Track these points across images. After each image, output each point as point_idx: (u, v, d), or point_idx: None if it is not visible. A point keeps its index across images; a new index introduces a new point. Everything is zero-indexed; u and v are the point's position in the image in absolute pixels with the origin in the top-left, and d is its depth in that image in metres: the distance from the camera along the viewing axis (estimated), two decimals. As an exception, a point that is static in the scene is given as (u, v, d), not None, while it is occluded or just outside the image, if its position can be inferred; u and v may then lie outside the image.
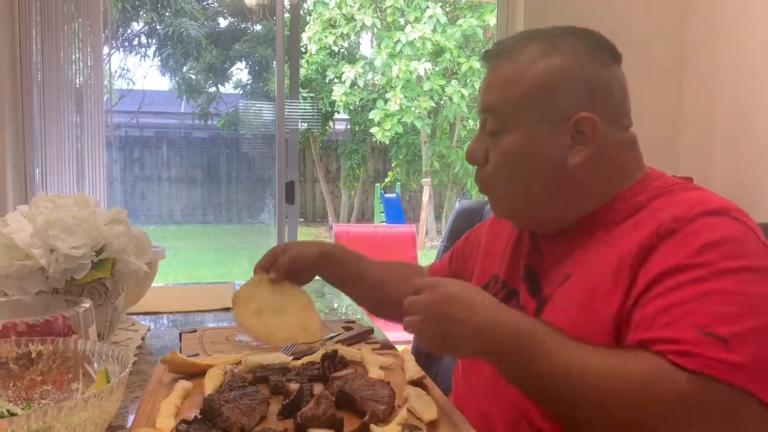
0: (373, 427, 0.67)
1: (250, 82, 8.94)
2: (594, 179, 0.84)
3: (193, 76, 8.61)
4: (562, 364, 0.72)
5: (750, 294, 0.70)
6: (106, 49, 2.97)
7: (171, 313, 1.39)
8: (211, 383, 0.81)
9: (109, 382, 0.67)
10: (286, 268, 1.09)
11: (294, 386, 0.77)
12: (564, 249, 0.87)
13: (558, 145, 0.83)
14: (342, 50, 8.92)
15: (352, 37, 8.88)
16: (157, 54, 8.33)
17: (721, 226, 0.75)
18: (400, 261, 1.27)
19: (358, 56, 8.96)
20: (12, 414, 0.66)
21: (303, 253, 1.11)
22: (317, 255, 1.12)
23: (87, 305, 0.88)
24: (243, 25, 8.79)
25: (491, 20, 7.42)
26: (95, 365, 0.73)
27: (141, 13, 8.10)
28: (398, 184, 9.46)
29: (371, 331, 1.14)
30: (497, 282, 0.97)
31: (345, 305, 1.48)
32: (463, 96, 8.10)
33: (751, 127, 2.42)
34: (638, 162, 0.88)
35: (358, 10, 8.37)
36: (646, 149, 0.91)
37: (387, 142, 8.66)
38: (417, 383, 0.84)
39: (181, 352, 0.96)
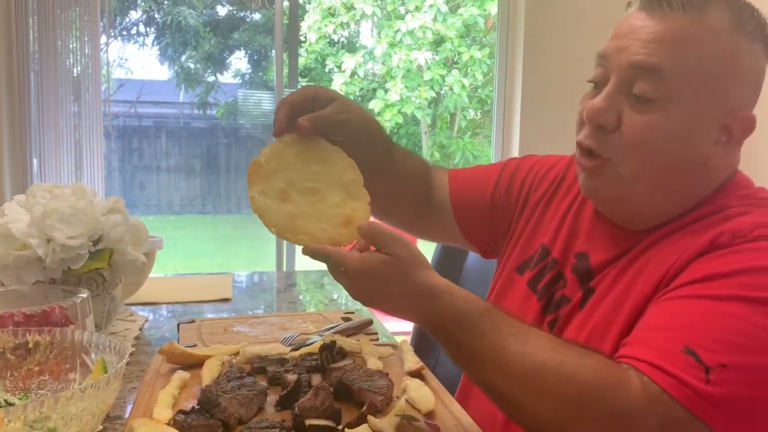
0: (371, 418, 0.67)
1: (249, 71, 8.90)
2: (711, 184, 0.76)
3: (192, 66, 8.57)
4: (506, 344, 0.65)
5: (761, 328, 0.62)
6: (103, 38, 2.95)
7: (169, 303, 1.39)
8: (208, 374, 0.81)
9: (106, 372, 0.67)
10: (325, 120, 0.79)
11: (292, 377, 0.77)
12: (630, 247, 0.78)
13: (707, 137, 0.72)
14: (342, 39, 8.87)
15: (352, 26, 8.83)
16: (155, 43, 8.28)
17: None
18: (417, 156, 1.07)
19: (357, 45, 8.92)
20: (9, 404, 0.66)
21: (350, 107, 0.84)
22: (359, 118, 0.86)
23: (84, 295, 0.88)
24: (242, 14, 8.74)
25: (492, 9, 7.39)
26: (92, 355, 0.73)
27: (139, 1, 8.05)
28: (398, 174, 9.43)
29: (370, 322, 1.14)
30: (547, 256, 0.88)
31: (344, 296, 1.47)
32: (463, 86, 8.07)
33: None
34: (736, 166, 0.79)
35: (358, -2, 8.33)
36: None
37: (387, 132, 8.64)
38: (415, 374, 0.84)
39: (179, 342, 0.96)
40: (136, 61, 8.56)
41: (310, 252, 0.70)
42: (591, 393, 0.61)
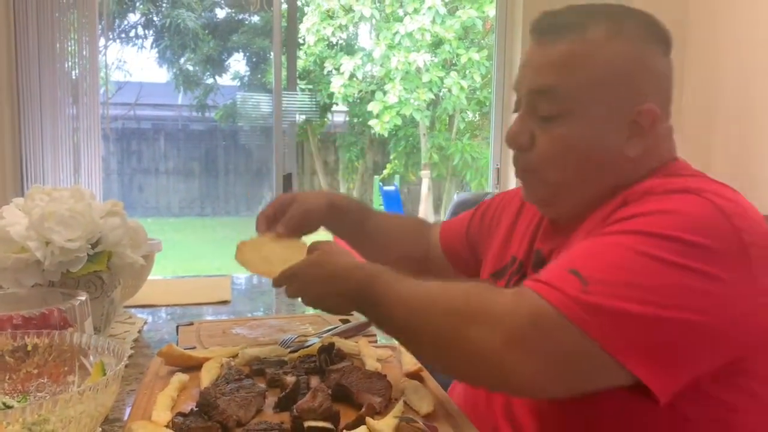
0: (369, 419, 0.67)
1: (247, 73, 8.90)
2: (640, 171, 0.81)
3: (191, 68, 8.57)
4: (401, 290, 0.75)
5: (645, 255, 0.66)
6: (102, 41, 2.96)
7: (168, 306, 1.39)
8: (207, 376, 0.81)
9: (105, 375, 0.67)
10: (297, 223, 1.02)
11: (290, 379, 0.78)
12: (569, 236, 0.84)
13: (618, 136, 0.79)
14: (340, 41, 8.88)
15: (351, 28, 8.84)
16: (154, 45, 8.29)
17: (682, 200, 0.71)
18: (411, 216, 1.24)
19: (356, 48, 8.92)
20: (8, 407, 0.66)
21: (313, 206, 1.04)
22: (326, 206, 1.06)
23: (83, 298, 0.88)
24: (240, 16, 8.74)
25: (490, 11, 7.39)
26: (91, 358, 0.73)
27: (137, 4, 8.05)
28: (397, 176, 9.44)
29: (368, 323, 1.14)
30: (514, 263, 0.95)
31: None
32: (462, 88, 8.07)
33: (753, 123, 2.41)
34: (671, 154, 0.85)
35: (357, 1, 8.33)
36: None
37: (386, 135, 8.63)
38: (414, 376, 0.84)
39: (177, 344, 0.96)
40: (134, 63, 8.56)
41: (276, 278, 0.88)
42: (471, 299, 0.70)
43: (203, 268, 6.53)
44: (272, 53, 3.00)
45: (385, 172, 9.42)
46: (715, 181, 0.77)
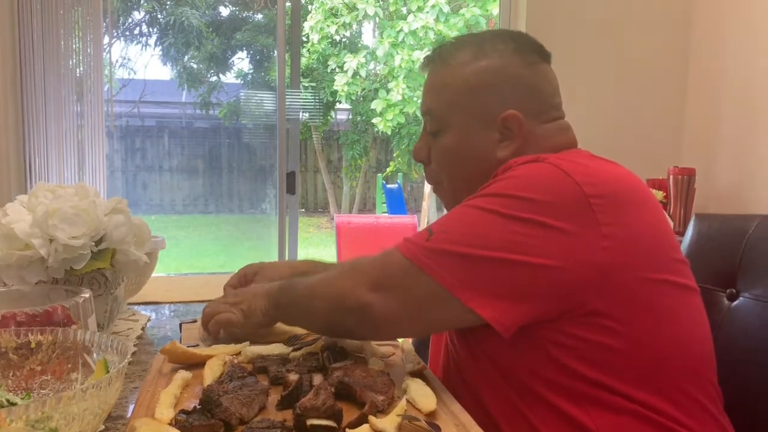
0: (372, 417, 0.67)
1: (251, 71, 8.90)
2: None
3: (195, 66, 8.57)
4: (297, 286, 0.92)
5: (485, 210, 0.79)
6: (106, 39, 2.96)
7: (172, 303, 1.39)
8: (210, 374, 0.81)
9: (108, 372, 0.67)
10: None
11: (293, 377, 0.77)
12: None
13: (489, 141, 0.91)
14: (344, 39, 8.87)
15: (354, 26, 8.83)
16: (158, 43, 8.29)
17: (527, 168, 0.81)
18: None
19: (360, 46, 8.92)
20: (11, 404, 0.66)
21: (277, 275, 1.12)
22: (289, 275, 1.12)
23: (86, 295, 0.88)
24: (244, 14, 8.74)
25: (494, 9, 7.38)
26: (95, 355, 0.73)
27: (141, 2, 8.06)
28: (400, 174, 9.44)
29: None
30: None
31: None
32: (465, 86, 8.06)
33: (756, 120, 2.41)
34: (571, 146, 0.94)
35: (360, -1, 8.32)
36: (649, 141, 0.91)
37: (389, 133, 8.63)
38: (417, 374, 0.84)
39: (181, 342, 0.96)
40: (138, 61, 8.55)
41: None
42: (344, 263, 0.89)
43: (207, 265, 6.54)
44: (276, 51, 3.00)
45: (388, 170, 9.41)
46: (579, 152, 0.89)
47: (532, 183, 0.79)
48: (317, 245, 7.85)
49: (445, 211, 1.07)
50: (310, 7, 8.48)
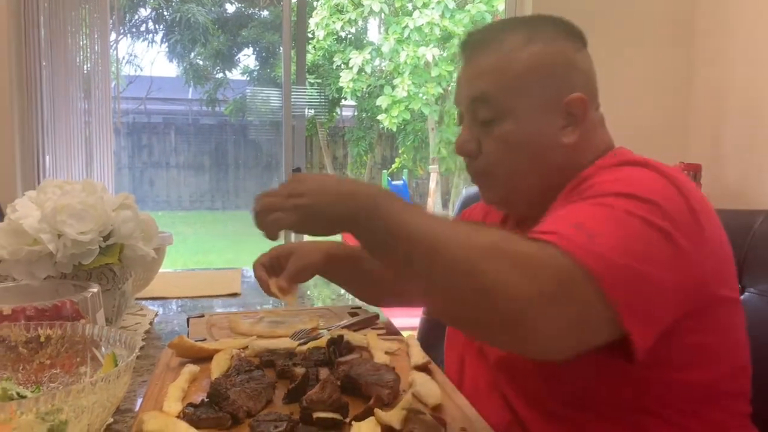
0: (377, 411, 0.67)
1: (257, 68, 8.91)
2: (581, 158, 0.87)
3: (201, 62, 8.59)
4: (414, 221, 0.67)
5: (624, 212, 0.71)
6: (113, 36, 2.97)
7: (179, 298, 1.40)
8: (217, 367, 0.82)
9: (116, 366, 0.68)
10: (294, 277, 1.03)
11: (300, 371, 0.78)
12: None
13: (552, 127, 0.86)
14: (349, 36, 8.86)
15: (360, 22, 8.82)
16: (164, 40, 8.31)
17: (636, 171, 0.77)
18: None
19: (365, 42, 8.91)
20: (22, 397, 0.67)
21: (310, 261, 1.05)
22: (323, 261, 1.07)
23: (95, 290, 0.89)
24: (250, 11, 8.75)
25: (500, 5, 7.35)
26: (103, 349, 0.74)
27: (148, -1, 8.08)
28: (405, 170, 9.43)
29: (377, 316, 1.14)
30: None
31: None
32: (471, 82, 8.04)
33: (762, 115, 2.39)
34: (610, 141, 0.92)
35: (366, -5, 8.31)
36: (655, 136, 0.92)
37: (394, 129, 8.63)
38: (422, 368, 0.85)
39: (188, 336, 0.97)
40: (145, 58, 8.60)
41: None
42: (495, 236, 0.67)
43: (213, 261, 6.56)
44: (281, 48, 3.00)
45: (394, 166, 9.41)
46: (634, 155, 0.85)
47: (656, 191, 0.73)
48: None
49: (450, 208, 1.06)
50: (315, 3, 8.48)
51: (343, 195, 0.70)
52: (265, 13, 8.58)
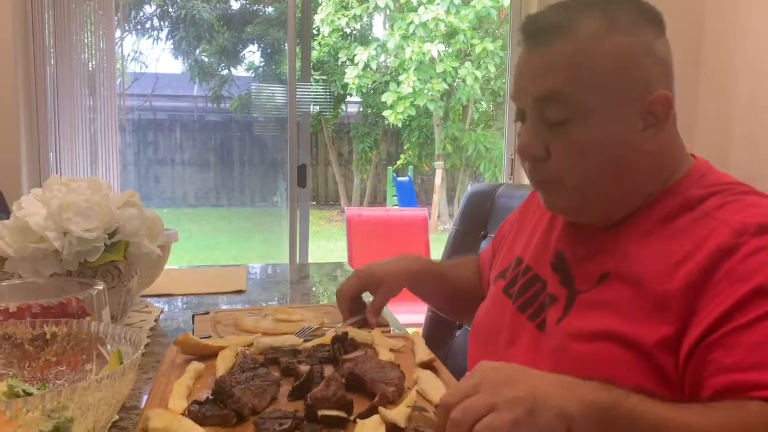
0: (382, 408, 0.67)
1: (262, 64, 8.91)
2: (659, 165, 0.79)
3: (206, 59, 8.59)
4: (661, 424, 0.61)
5: None
6: (118, 33, 2.97)
7: (184, 295, 1.40)
8: (222, 365, 0.82)
9: (122, 363, 0.68)
10: (382, 306, 1.08)
11: (304, 368, 0.78)
12: (603, 242, 0.82)
13: (633, 129, 0.76)
14: (354, 32, 8.85)
15: (365, 18, 8.81)
16: (169, 37, 8.31)
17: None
18: (463, 260, 1.23)
19: (370, 38, 8.90)
20: (27, 394, 0.67)
21: (397, 286, 1.08)
22: (407, 282, 1.09)
23: (100, 287, 0.89)
24: (255, 7, 8.74)
25: (505, 1, 7.33)
26: (108, 347, 0.74)
27: (153, -5, 8.08)
28: (410, 167, 9.43)
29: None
30: (520, 265, 0.94)
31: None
32: (476, 78, 8.02)
33: (768, 109, 2.38)
34: (683, 144, 0.83)
35: (371, -9, 8.29)
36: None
37: (399, 125, 8.62)
38: (427, 366, 0.85)
39: (193, 333, 0.97)
40: (150, 55, 8.59)
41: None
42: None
43: (219, 257, 6.58)
44: (286, 44, 3.00)
45: (399, 162, 9.40)
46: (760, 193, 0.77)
47: None
48: (328, 238, 7.87)
49: (456, 204, 1.05)
50: (320, -1, 8.47)
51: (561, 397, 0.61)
52: (270, 9, 8.58)
